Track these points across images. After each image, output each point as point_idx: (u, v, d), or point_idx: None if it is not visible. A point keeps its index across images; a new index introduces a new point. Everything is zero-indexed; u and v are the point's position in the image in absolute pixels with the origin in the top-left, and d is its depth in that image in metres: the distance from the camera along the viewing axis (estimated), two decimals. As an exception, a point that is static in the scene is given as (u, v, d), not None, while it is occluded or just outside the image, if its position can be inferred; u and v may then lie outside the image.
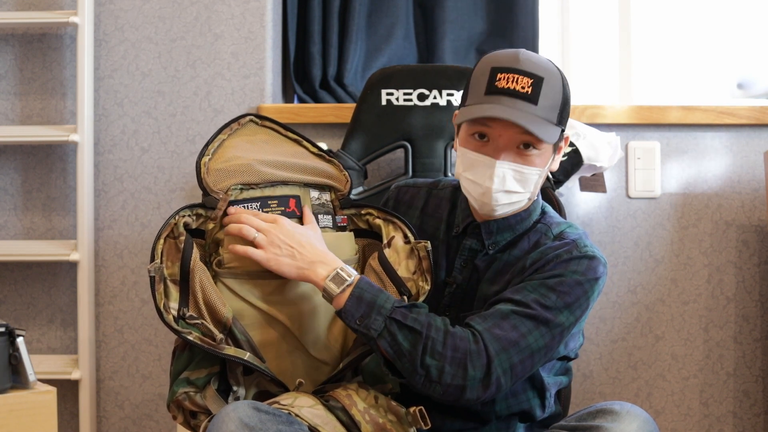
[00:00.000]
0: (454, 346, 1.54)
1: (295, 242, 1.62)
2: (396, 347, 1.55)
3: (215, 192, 1.67)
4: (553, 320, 1.59)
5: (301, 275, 1.61)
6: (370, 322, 1.55)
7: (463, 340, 1.55)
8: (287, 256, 1.61)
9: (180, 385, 1.64)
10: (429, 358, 1.53)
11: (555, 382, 1.75)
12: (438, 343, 1.54)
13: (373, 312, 1.56)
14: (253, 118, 1.79)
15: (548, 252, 1.65)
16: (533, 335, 1.57)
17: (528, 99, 1.60)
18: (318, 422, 1.53)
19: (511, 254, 1.70)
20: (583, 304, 1.63)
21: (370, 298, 1.57)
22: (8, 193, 2.58)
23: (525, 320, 1.57)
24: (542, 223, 1.73)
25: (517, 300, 1.59)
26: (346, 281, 1.58)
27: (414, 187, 1.88)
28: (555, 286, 1.60)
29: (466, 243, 1.75)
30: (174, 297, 1.61)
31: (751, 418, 2.51)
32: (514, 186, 1.64)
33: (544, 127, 1.61)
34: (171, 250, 1.63)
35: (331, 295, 1.59)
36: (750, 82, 2.76)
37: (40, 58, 2.57)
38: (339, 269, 1.60)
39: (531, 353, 1.58)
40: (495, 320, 1.57)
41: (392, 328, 1.55)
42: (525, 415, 1.73)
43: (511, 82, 1.61)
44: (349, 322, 1.57)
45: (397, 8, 2.67)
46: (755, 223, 2.52)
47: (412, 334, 1.54)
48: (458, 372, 1.53)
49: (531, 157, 1.63)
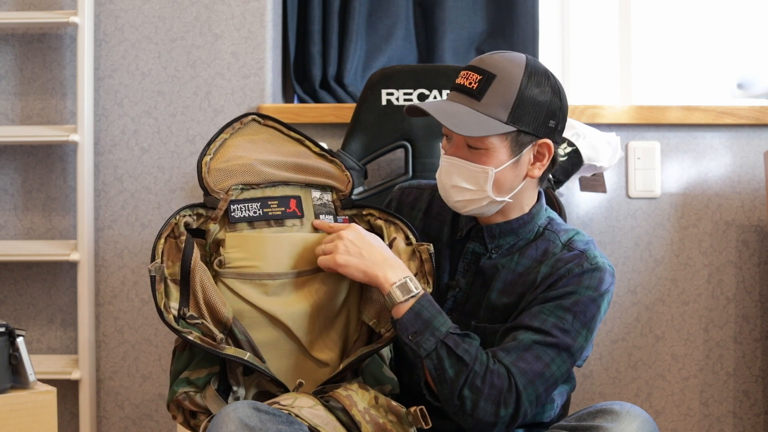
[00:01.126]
0: (492, 384, 1.55)
1: (365, 243, 1.64)
2: (440, 372, 1.56)
3: (216, 192, 1.67)
4: (573, 345, 1.61)
5: (368, 275, 1.62)
6: (422, 341, 1.57)
7: (501, 377, 1.56)
8: (355, 255, 1.63)
9: (180, 385, 1.64)
10: (467, 390, 1.55)
11: (560, 393, 1.75)
12: (479, 377, 1.55)
13: (427, 331, 1.57)
14: (256, 117, 1.79)
15: (559, 266, 1.65)
16: (556, 363, 1.59)
17: (471, 94, 1.62)
18: (318, 422, 1.53)
19: (520, 263, 1.70)
20: (597, 319, 1.65)
21: (427, 317, 1.58)
22: (8, 193, 2.58)
23: (547, 349, 1.59)
24: (549, 230, 1.72)
25: (536, 328, 1.60)
26: (411, 292, 1.60)
27: (417, 189, 1.88)
28: (571, 307, 1.61)
29: (469, 246, 1.75)
30: (174, 297, 1.61)
31: (751, 418, 2.51)
32: (460, 182, 1.65)
33: (476, 122, 1.60)
34: (171, 250, 1.63)
35: (393, 301, 1.60)
36: (750, 82, 2.76)
37: (40, 58, 2.57)
38: (408, 278, 1.61)
39: (555, 381, 1.60)
40: (519, 353, 1.58)
41: (442, 352, 1.57)
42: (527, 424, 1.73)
43: (464, 78, 1.65)
44: (401, 334, 1.59)
45: (397, 8, 2.67)
46: (755, 223, 2.52)
47: (459, 363, 1.56)
48: (491, 409, 1.55)
49: (478, 156, 1.63)
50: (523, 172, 1.67)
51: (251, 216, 1.68)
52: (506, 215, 1.72)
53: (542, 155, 1.68)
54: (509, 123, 1.62)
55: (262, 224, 1.69)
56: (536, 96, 1.63)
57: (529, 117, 1.63)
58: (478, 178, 1.64)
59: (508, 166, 1.64)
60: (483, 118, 1.61)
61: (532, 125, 1.63)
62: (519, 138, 1.63)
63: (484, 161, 1.63)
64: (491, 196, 1.65)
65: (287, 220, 1.70)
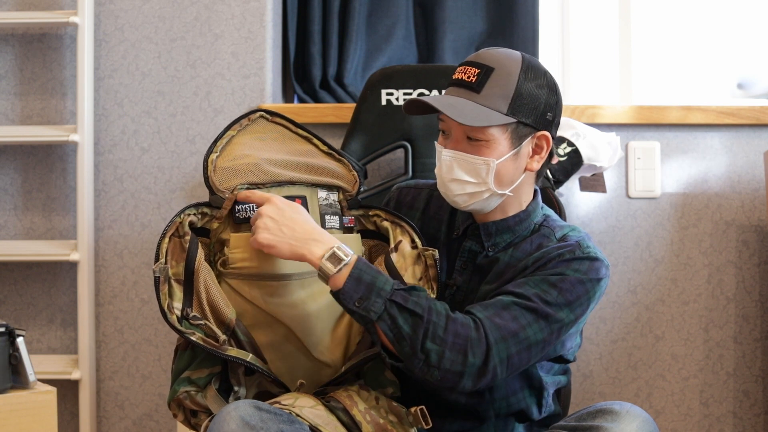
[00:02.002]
0: (455, 332, 1.53)
1: (287, 219, 1.58)
2: (396, 330, 1.53)
3: (221, 191, 1.67)
4: (553, 315, 1.58)
5: (295, 253, 1.57)
6: (369, 304, 1.53)
7: (465, 326, 1.54)
8: (276, 233, 1.57)
9: (181, 384, 1.64)
10: (430, 342, 1.52)
11: (553, 381, 1.75)
12: (439, 328, 1.53)
13: (372, 294, 1.53)
14: (264, 114, 1.78)
15: (551, 251, 1.65)
16: (532, 328, 1.57)
17: (470, 88, 1.63)
18: (319, 422, 1.53)
19: (514, 256, 1.70)
20: (584, 303, 1.62)
21: (369, 280, 1.54)
22: (8, 193, 2.58)
23: (525, 312, 1.57)
24: (545, 227, 1.73)
25: (518, 293, 1.59)
26: (343, 260, 1.55)
27: (415, 189, 1.88)
28: (557, 283, 1.60)
29: (465, 245, 1.75)
30: (178, 297, 1.60)
31: (751, 418, 2.51)
32: (462, 175, 1.64)
33: (477, 113, 1.61)
34: (176, 250, 1.62)
35: (327, 274, 1.55)
36: (750, 82, 2.76)
37: (40, 58, 2.57)
38: (336, 248, 1.56)
39: (528, 345, 1.57)
40: (496, 309, 1.57)
41: (392, 310, 1.53)
42: (522, 415, 1.73)
43: (461, 73, 1.66)
44: (346, 303, 1.54)
45: (397, 8, 2.67)
46: (755, 223, 2.52)
47: (413, 317, 1.53)
48: (458, 358, 1.52)
49: (478, 148, 1.63)
50: (523, 164, 1.68)
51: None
52: (504, 212, 1.72)
53: (540, 148, 1.68)
54: (509, 114, 1.62)
55: None
56: (534, 89, 1.64)
57: (528, 109, 1.63)
58: (480, 170, 1.64)
59: (508, 158, 1.65)
60: (484, 110, 1.62)
61: (531, 117, 1.64)
62: (518, 129, 1.64)
63: (485, 153, 1.63)
64: (493, 188, 1.65)
65: None
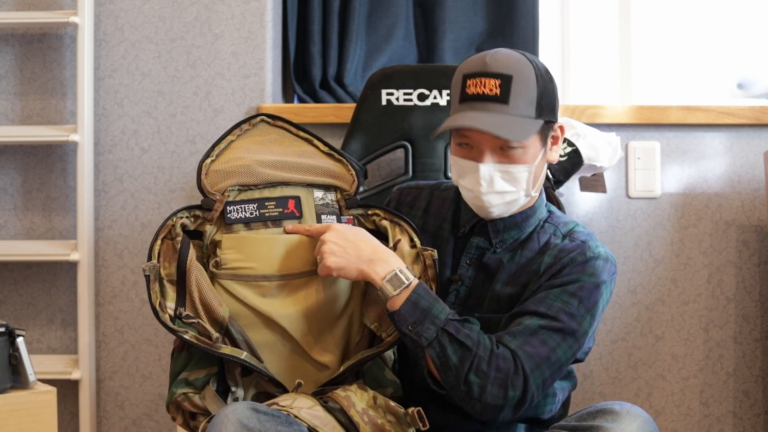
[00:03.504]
0: (497, 367, 1.55)
1: (349, 241, 1.63)
2: (444, 359, 1.56)
3: (212, 193, 1.67)
4: (578, 330, 1.61)
5: (361, 273, 1.61)
6: (422, 330, 1.57)
7: (506, 361, 1.56)
8: (342, 256, 1.62)
9: (179, 386, 1.64)
10: (473, 375, 1.55)
11: (562, 388, 1.76)
12: (483, 362, 1.55)
13: (426, 320, 1.57)
14: (265, 119, 1.78)
15: (562, 256, 1.67)
16: (562, 348, 1.60)
17: (498, 100, 1.62)
18: (317, 423, 1.53)
19: (522, 255, 1.71)
20: (600, 306, 1.66)
21: (425, 306, 1.58)
22: (8, 193, 2.58)
23: (553, 334, 1.59)
24: (549, 223, 1.74)
25: (542, 313, 1.61)
26: (404, 284, 1.59)
27: (416, 189, 1.88)
28: (576, 292, 1.62)
29: (473, 241, 1.75)
30: (171, 297, 1.61)
31: (751, 418, 2.51)
32: (503, 186, 1.65)
33: (518, 125, 1.61)
34: (168, 251, 1.63)
35: (387, 295, 1.59)
36: (750, 82, 2.76)
37: (40, 58, 2.57)
38: (398, 270, 1.61)
39: (560, 366, 1.61)
40: (525, 337, 1.59)
41: (443, 339, 1.57)
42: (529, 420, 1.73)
43: (479, 86, 1.64)
44: (400, 326, 1.58)
45: (397, 8, 2.67)
46: (755, 223, 2.52)
47: (462, 349, 1.56)
48: (499, 393, 1.55)
49: (515, 155, 1.64)
50: (546, 159, 1.71)
51: (247, 217, 1.68)
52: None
53: (557, 137, 1.72)
54: (538, 117, 1.64)
55: (259, 225, 1.68)
56: (547, 84, 1.66)
57: (548, 107, 1.66)
58: (520, 177, 1.65)
59: (540, 158, 1.68)
60: (518, 120, 1.62)
61: (552, 113, 1.67)
62: (545, 128, 1.67)
63: (523, 159, 1.65)
64: (530, 192, 1.68)
65: (285, 221, 1.70)
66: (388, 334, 1.66)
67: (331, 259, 1.62)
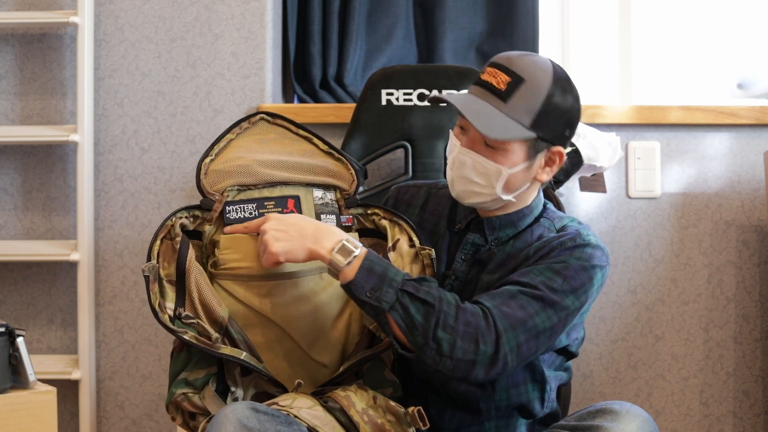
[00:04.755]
0: (465, 321, 1.54)
1: (289, 225, 1.61)
2: (408, 320, 1.54)
3: (211, 194, 1.67)
4: (560, 303, 1.60)
5: (308, 251, 1.59)
6: (381, 295, 1.54)
7: (475, 315, 1.55)
8: (286, 240, 1.59)
9: (178, 386, 1.64)
10: (441, 331, 1.53)
11: (555, 376, 1.75)
12: (450, 317, 1.54)
13: (384, 284, 1.55)
14: (265, 117, 1.78)
15: (552, 240, 1.67)
16: (540, 316, 1.58)
17: (498, 95, 1.63)
18: (317, 423, 1.53)
19: (515, 246, 1.71)
20: (588, 290, 1.64)
21: (380, 270, 1.56)
22: (8, 193, 2.58)
23: (532, 301, 1.58)
24: (545, 218, 1.75)
25: (524, 282, 1.60)
26: (353, 253, 1.57)
27: (414, 187, 1.89)
28: (561, 270, 1.62)
29: (469, 237, 1.76)
30: (170, 297, 1.61)
31: (751, 418, 2.51)
32: (472, 176, 1.66)
33: (503, 125, 1.61)
34: (167, 252, 1.63)
35: (338, 267, 1.57)
36: (750, 82, 2.76)
37: (40, 58, 2.57)
38: (345, 240, 1.59)
39: (537, 334, 1.58)
40: (503, 299, 1.58)
41: (404, 300, 1.54)
42: (524, 409, 1.73)
43: (492, 76, 1.65)
44: (358, 294, 1.55)
45: (397, 8, 2.67)
46: (755, 223, 2.52)
47: (425, 306, 1.54)
48: (470, 347, 1.53)
49: (494, 154, 1.64)
50: (532, 175, 1.69)
51: (246, 217, 1.68)
52: (506, 209, 1.74)
53: (553, 162, 1.70)
54: (531, 128, 1.63)
55: None
56: (559, 105, 1.64)
57: (549, 125, 1.64)
58: (491, 175, 1.65)
59: (521, 168, 1.66)
60: (507, 121, 1.62)
61: (551, 133, 1.65)
62: (537, 144, 1.65)
63: (499, 161, 1.64)
64: (498, 194, 1.67)
65: None
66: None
67: (275, 245, 1.59)
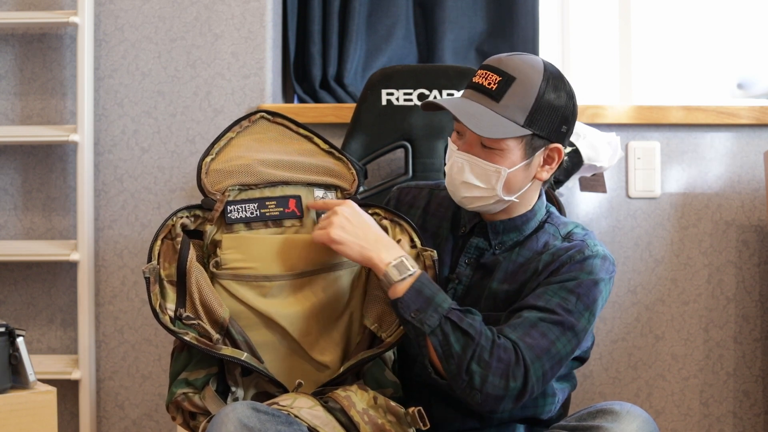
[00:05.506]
0: (499, 357, 1.55)
1: (361, 222, 1.63)
2: (446, 347, 1.56)
3: (212, 193, 1.67)
4: (577, 325, 1.61)
5: (363, 255, 1.61)
6: (425, 317, 1.57)
7: (508, 351, 1.56)
8: (351, 234, 1.62)
9: (178, 386, 1.64)
10: (475, 364, 1.55)
11: (561, 388, 1.76)
12: (486, 351, 1.55)
13: (429, 308, 1.57)
14: (265, 115, 1.78)
15: (560, 253, 1.67)
16: (561, 341, 1.60)
17: (490, 95, 1.63)
18: (317, 423, 1.53)
19: (521, 254, 1.71)
20: (599, 303, 1.65)
21: (429, 294, 1.58)
22: (8, 193, 2.58)
23: (553, 327, 1.59)
24: (549, 223, 1.75)
25: (541, 307, 1.61)
26: (408, 271, 1.59)
27: (416, 188, 1.89)
28: (574, 289, 1.62)
29: (473, 241, 1.75)
30: (171, 298, 1.60)
31: (751, 418, 2.51)
32: (472, 179, 1.66)
33: (496, 124, 1.61)
34: (168, 252, 1.63)
35: (390, 281, 1.59)
36: (750, 82, 2.76)
37: (40, 58, 2.57)
38: (404, 257, 1.61)
39: (560, 359, 1.60)
40: (525, 329, 1.59)
41: (446, 327, 1.57)
42: (527, 420, 1.73)
43: (483, 78, 1.66)
44: (403, 312, 1.58)
45: (397, 8, 2.67)
46: (755, 223, 2.52)
47: (465, 338, 1.56)
48: (500, 383, 1.55)
49: (491, 155, 1.64)
50: (532, 174, 1.69)
51: (248, 217, 1.68)
52: (509, 213, 1.74)
53: (552, 159, 1.70)
54: (525, 126, 1.63)
55: (260, 225, 1.68)
56: (553, 101, 1.65)
57: (544, 121, 1.65)
58: (490, 177, 1.65)
59: (520, 167, 1.66)
60: (500, 120, 1.62)
61: (546, 130, 1.65)
62: (533, 141, 1.65)
63: (497, 161, 1.65)
64: (500, 195, 1.67)
65: (286, 221, 1.69)
66: (388, 334, 1.66)
67: (335, 231, 1.61)
